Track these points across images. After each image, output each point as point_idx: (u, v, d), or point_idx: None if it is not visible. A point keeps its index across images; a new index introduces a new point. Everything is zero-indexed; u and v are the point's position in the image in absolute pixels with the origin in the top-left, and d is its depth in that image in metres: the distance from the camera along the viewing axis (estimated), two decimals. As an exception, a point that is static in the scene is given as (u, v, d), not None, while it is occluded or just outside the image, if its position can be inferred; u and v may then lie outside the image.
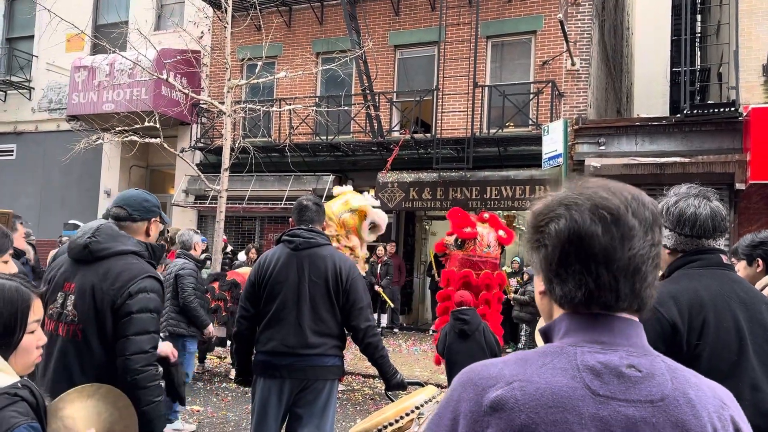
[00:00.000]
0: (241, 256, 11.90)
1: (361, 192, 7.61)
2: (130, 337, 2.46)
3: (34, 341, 1.69)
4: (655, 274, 1.06)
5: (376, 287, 11.40)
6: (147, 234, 2.78)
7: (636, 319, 1.07)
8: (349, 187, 7.45)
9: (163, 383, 2.58)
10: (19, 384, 1.50)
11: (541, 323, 1.19)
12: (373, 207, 7.00)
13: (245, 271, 7.73)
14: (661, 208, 2.17)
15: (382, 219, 7.03)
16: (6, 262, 2.29)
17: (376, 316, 10.81)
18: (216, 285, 7.85)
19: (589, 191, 1.06)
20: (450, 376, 5.51)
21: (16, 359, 1.62)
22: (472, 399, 1.01)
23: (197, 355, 7.69)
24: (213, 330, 6.58)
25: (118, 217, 2.73)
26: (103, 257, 2.55)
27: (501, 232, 6.88)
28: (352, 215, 6.84)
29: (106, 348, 2.49)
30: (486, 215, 7.07)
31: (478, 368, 1.05)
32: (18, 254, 4.67)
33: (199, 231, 6.93)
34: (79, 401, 2.01)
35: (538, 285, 1.12)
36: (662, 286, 2.03)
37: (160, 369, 2.55)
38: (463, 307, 5.43)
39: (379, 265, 11.82)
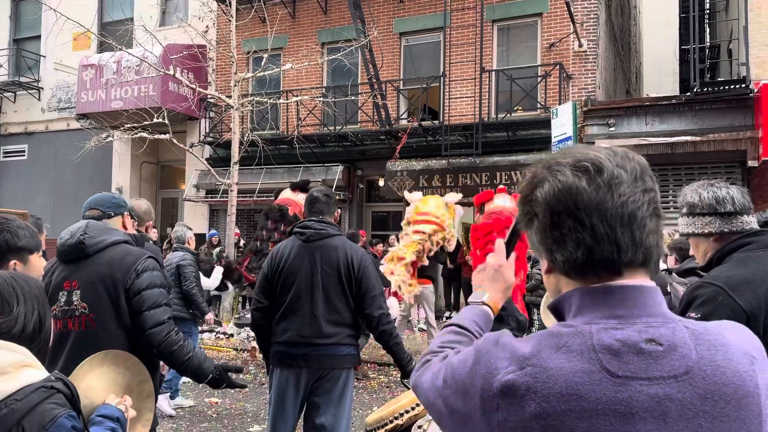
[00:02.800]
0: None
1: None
2: (144, 313, 2.61)
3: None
4: (656, 222, 1.01)
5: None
6: (124, 228, 2.99)
7: (651, 284, 1.01)
8: (419, 194, 8.29)
9: (188, 343, 2.75)
10: (52, 377, 1.56)
11: (547, 300, 1.18)
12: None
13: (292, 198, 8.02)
14: (691, 200, 2.20)
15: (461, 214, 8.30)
16: (40, 257, 2.39)
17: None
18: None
19: (571, 150, 1.05)
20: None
21: None
22: (483, 377, 0.98)
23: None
24: (212, 317, 7.37)
25: (94, 218, 2.89)
26: (100, 249, 2.68)
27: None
28: (448, 212, 7.88)
29: (126, 330, 2.62)
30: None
31: (488, 344, 1.02)
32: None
33: (190, 227, 7.05)
34: (92, 372, 2.10)
35: (543, 264, 1.08)
36: (729, 270, 2.04)
37: (181, 333, 2.72)
38: None
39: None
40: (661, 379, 0.93)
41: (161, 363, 3.02)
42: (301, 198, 7.81)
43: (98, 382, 2.09)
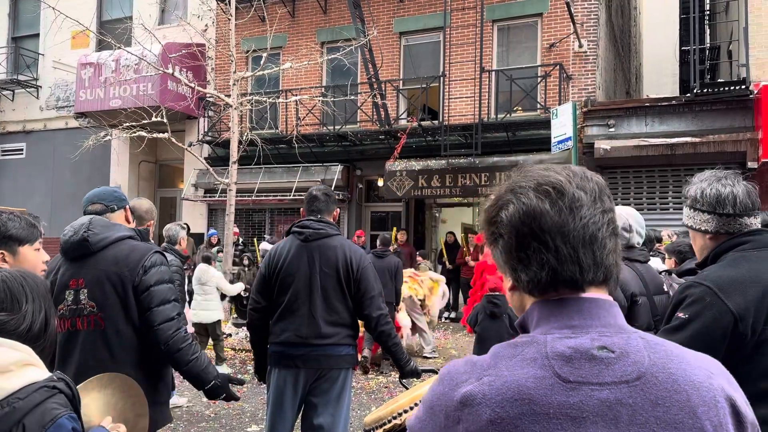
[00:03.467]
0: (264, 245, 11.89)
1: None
2: (153, 309, 2.59)
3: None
4: (615, 241, 1.05)
5: None
6: (127, 221, 2.95)
7: (608, 298, 1.04)
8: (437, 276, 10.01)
9: (195, 344, 2.73)
10: (54, 377, 1.56)
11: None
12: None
13: None
14: (693, 193, 2.16)
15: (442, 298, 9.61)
16: (38, 250, 2.33)
17: None
18: None
19: (532, 173, 1.08)
20: (480, 350, 6.06)
21: None
22: (446, 393, 1.01)
23: None
24: (188, 328, 7.18)
25: (96, 212, 2.85)
26: (104, 246, 2.64)
27: None
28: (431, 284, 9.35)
29: (135, 328, 2.60)
30: None
31: (456, 363, 1.05)
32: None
33: (185, 225, 6.91)
34: (95, 391, 2.06)
35: (507, 282, 1.11)
36: (721, 270, 2.00)
37: (189, 332, 2.70)
38: (496, 293, 6.08)
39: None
40: (612, 384, 0.94)
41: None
42: None
43: (98, 402, 2.05)
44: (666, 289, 2.95)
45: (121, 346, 2.59)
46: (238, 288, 8.77)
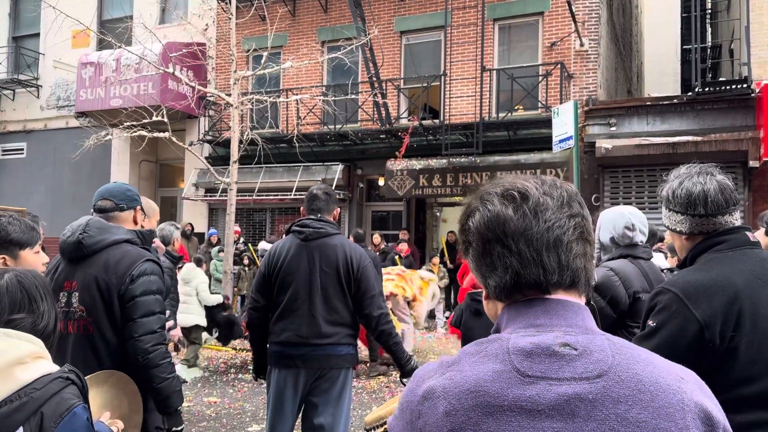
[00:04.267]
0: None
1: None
2: (137, 320, 2.53)
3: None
4: (584, 245, 1.05)
5: None
6: (135, 222, 2.87)
7: (577, 300, 1.04)
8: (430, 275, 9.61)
9: (173, 364, 2.67)
10: (66, 369, 1.61)
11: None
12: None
13: None
14: (665, 194, 2.11)
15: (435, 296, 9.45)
16: (37, 253, 2.30)
17: None
18: None
19: (501, 180, 1.10)
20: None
21: None
22: (412, 390, 1.02)
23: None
24: (178, 333, 7.14)
25: (104, 209, 2.79)
26: (98, 250, 2.59)
27: None
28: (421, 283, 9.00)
29: (120, 336, 2.55)
30: None
31: (428, 364, 1.06)
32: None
33: (179, 226, 6.82)
34: (93, 387, 2.09)
35: (483, 292, 1.11)
36: (690, 274, 1.95)
37: (170, 348, 2.67)
38: (478, 290, 5.81)
39: (403, 257, 11.45)
40: (571, 380, 0.93)
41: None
42: None
43: (96, 399, 2.07)
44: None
45: (108, 353, 2.54)
46: (215, 300, 8.19)
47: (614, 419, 0.91)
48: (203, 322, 7.82)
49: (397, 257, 10.75)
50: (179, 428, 2.69)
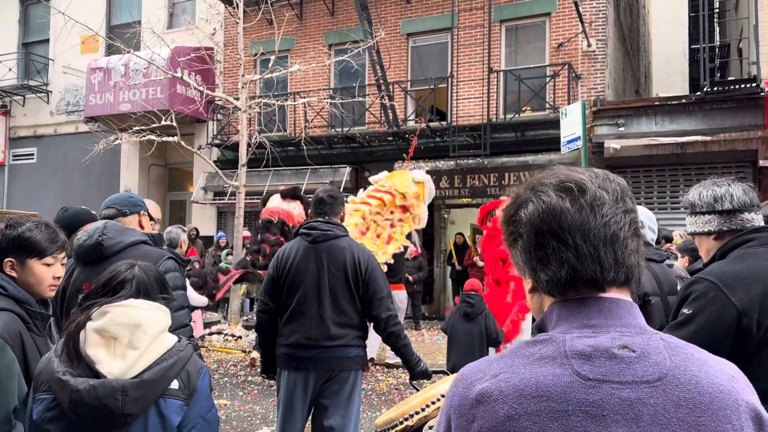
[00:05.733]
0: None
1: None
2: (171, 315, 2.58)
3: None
4: (637, 242, 1.04)
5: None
6: (140, 227, 2.96)
7: (628, 299, 1.03)
8: (383, 173, 8.05)
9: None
10: (185, 337, 2.03)
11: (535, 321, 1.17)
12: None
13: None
14: (691, 199, 2.18)
15: (432, 190, 8.09)
16: (50, 265, 2.27)
17: None
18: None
19: (555, 171, 1.08)
20: (449, 351, 5.92)
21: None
22: (461, 393, 1.00)
23: None
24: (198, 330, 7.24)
25: (109, 216, 2.88)
26: (118, 251, 2.65)
27: None
28: (417, 187, 7.72)
29: None
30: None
31: (472, 365, 1.04)
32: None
33: (185, 229, 6.86)
34: None
35: (527, 284, 1.09)
36: (725, 265, 1.99)
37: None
38: (471, 292, 5.88)
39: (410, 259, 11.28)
40: (633, 384, 0.93)
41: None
42: (292, 207, 7.73)
43: None
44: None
45: None
46: (202, 301, 8.04)
47: (677, 423, 0.91)
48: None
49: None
50: None
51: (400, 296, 8.62)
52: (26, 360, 2.02)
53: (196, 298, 7.99)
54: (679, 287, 2.94)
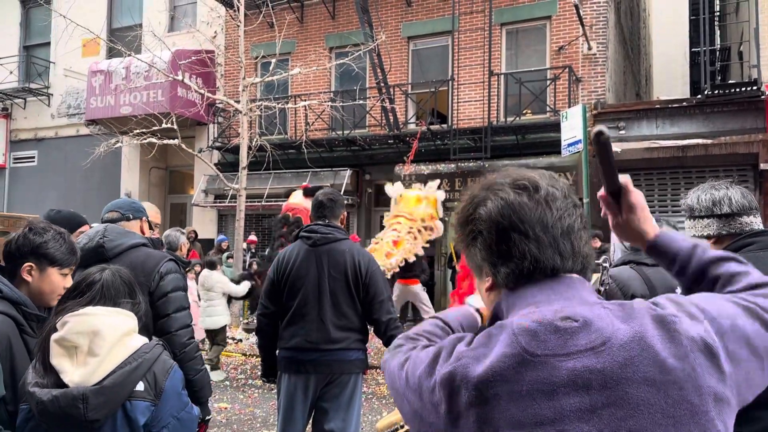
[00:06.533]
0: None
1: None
2: (171, 315, 2.65)
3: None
4: (587, 233, 1.10)
5: None
6: (141, 232, 2.99)
7: (575, 276, 1.07)
8: (399, 186, 8.63)
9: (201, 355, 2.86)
10: (157, 339, 2.04)
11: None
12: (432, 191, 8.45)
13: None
14: (690, 202, 2.18)
15: (442, 197, 8.52)
16: (65, 276, 2.26)
17: None
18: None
19: (506, 172, 1.14)
20: None
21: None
22: (426, 372, 1.03)
23: None
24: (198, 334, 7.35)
25: (112, 220, 2.90)
26: (119, 253, 2.67)
27: None
28: (431, 209, 8.24)
29: (149, 335, 2.62)
30: None
31: (449, 342, 1.06)
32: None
33: (184, 232, 6.85)
34: None
35: (484, 283, 1.12)
36: None
37: (199, 338, 2.83)
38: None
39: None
40: (578, 353, 0.95)
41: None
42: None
43: None
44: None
45: None
46: (245, 287, 8.47)
47: (625, 382, 0.93)
48: (230, 321, 8.01)
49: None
50: (209, 417, 2.87)
51: (416, 288, 9.43)
52: (13, 363, 2.00)
53: (235, 289, 8.32)
54: (678, 291, 2.91)
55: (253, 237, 12.34)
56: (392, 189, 8.49)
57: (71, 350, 1.81)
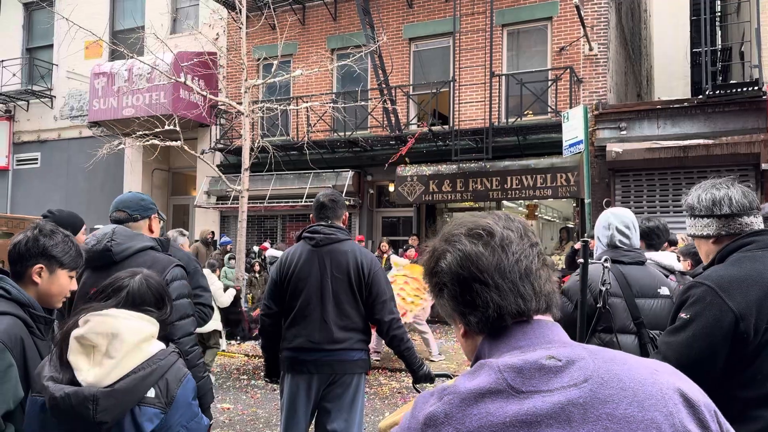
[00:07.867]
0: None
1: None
2: (175, 323, 2.62)
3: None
4: (547, 271, 1.11)
5: None
6: (150, 231, 2.97)
7: (550, 319, 1.10)
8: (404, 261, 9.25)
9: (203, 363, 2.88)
10: (173, 347, 2.04)
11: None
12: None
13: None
14: (690, 201, 2.17)
15: None
16: (72, 278, 2.30)
17: None
18: None
19: (462, 221, 1.15)
20: None
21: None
22: (414, 416, 1.04)
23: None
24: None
25: (119, 220, 2.89)
26: (127, 256, 2.68)
27: None
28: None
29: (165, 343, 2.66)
30: None
31: (425, 392, 1.08)
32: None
33: (185, 233, 6.84)
34: None
35: (458, 330, 1.15)
36: (723, 269, 1.99)
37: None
38: None
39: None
40: (561, 389, 0.98)
41: None
42: None
43: None
44: (665, 292, 2.84)
45: None
46: (230, 295, 8.50)
47: (606, 418, 0.96)
48: (220, 326, 7.95)
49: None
50: (210, 422, 2.79)
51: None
52: (26, 364, 2.02)
53: (223, 298, 8.41)
54: (665, 289, 2.88)
55: (266, 244, 12.35)
56: (397, 259, 9.29)
57: (89, 349, 1.84)
